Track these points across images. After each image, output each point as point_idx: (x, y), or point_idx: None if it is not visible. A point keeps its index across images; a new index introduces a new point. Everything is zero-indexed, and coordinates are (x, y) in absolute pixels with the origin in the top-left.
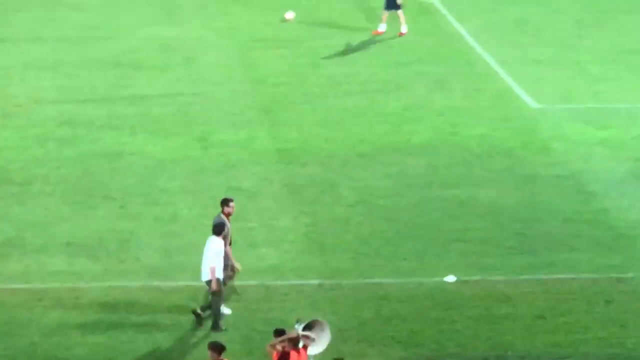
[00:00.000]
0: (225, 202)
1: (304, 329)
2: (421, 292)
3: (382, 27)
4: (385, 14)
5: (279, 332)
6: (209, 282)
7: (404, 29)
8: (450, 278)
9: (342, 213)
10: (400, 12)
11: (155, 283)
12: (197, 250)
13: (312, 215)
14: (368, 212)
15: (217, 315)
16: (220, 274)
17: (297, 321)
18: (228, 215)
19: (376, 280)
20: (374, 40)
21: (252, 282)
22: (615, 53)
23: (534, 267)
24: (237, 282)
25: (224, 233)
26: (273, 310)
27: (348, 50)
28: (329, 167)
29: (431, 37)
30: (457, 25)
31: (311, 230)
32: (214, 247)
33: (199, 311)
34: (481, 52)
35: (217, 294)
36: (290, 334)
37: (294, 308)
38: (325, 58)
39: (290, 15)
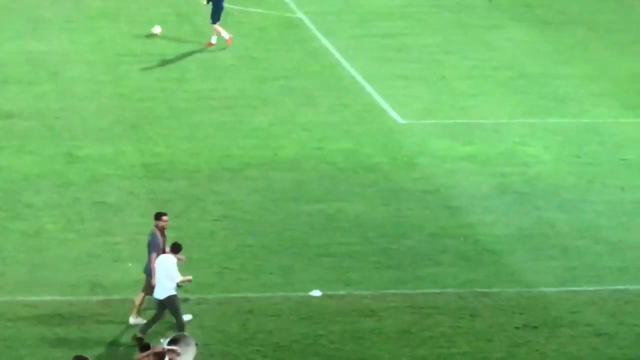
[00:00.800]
0: (158, 217)
1: (170, 343)
2: (287, 306)
3: (213, 39)
4: (217, 27)
5: (145, 347)
6: (162, 301)
7: (214, 39)
8: (316, 292)
9: (208, 227)
10: (216, 24)
11: (20, 298)
12: (63, 265)
13: (178, 229)
14: (234, 227)
15: (183, 327)
16: (172, 291)
17: (163, 335)
18: (162, 229)
19: (242, 294)
20: (241, 55)
21: (118, 297)
22: (480, 69)
23: (399, 281)
24: (102, 297)
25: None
26: (139, 324)
27: (215, 65)
28: (195, 182)
29: (298, 52)
30: (324, 40)
31: None
32: (168, 265)
33: (139, 335)
34: (348, 67)
35: (176, 309)
36: (156, 348)
37: (160, 322)
38: (191, 73)
39: (157, 29)
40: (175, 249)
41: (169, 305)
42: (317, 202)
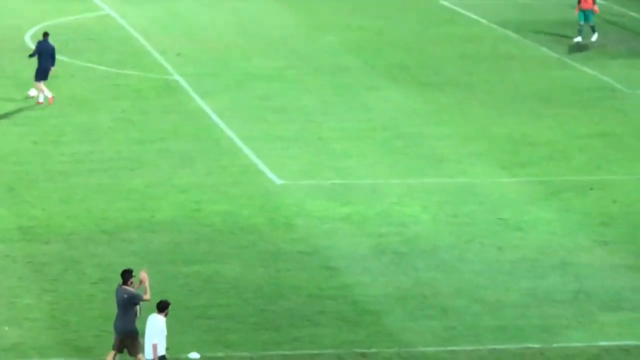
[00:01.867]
0: (130, 274)
1: None
2: None
3: (41, 97)
4: (40, 85)
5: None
6: None
7: (41, 97)
8: (194, 355)
9: (86, 290)
10: (41, 83)
11: None
12: None
13: (55, 293)
14: (112, 290)
15: None
16: (163, 351)
17: None
18: (131, 285)
19: (119, 357)
20: (117, 117)
21: None
22: (358, 130)
23: (278, 342)
24: None
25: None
26: None
27: (91, 128)
28: (72, 244)
29: (175, 114)
30: (201, 102)
31: (54, 308)
32: (158, 325)
33: None
34: (225, 129)
35: None
36: None
37: None
38: (68, 135)
39: (33, 92)
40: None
41: None
42: (194, 263)
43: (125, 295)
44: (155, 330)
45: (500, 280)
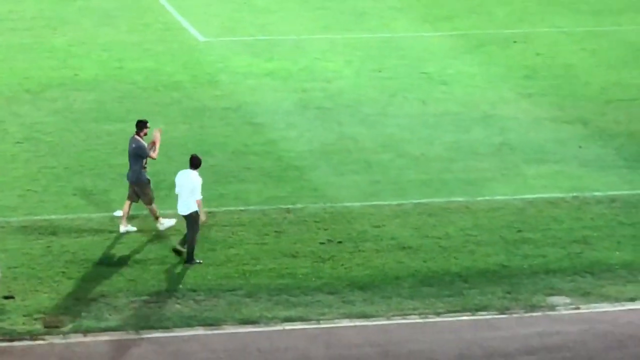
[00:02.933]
0: (144, 124)
1: None
2: (89, 226)
3: None
4: None
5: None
6: (187, 216)
7: None
8: (118, 213)
9: (9, 150)
10: None
11: None
12: None
13: None
14: (36, 149)
15: (193, 248)
16: (195, 207)
17: None
18: (144, 136)
19: (45, 217)
20: None
21: None
22: None
23: (204, 199)
24: None
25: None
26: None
27: None
28: None
29: None
30: None
31: None
32: (195, 180)
33: (178, 247)
34: None
35: (196, 227)
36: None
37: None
38: None
39: None
40: (195, 162)
41: (190, 220)
42: (118, 122)
43: (134, 145)
44: (190, 186)
45: (425, 134)
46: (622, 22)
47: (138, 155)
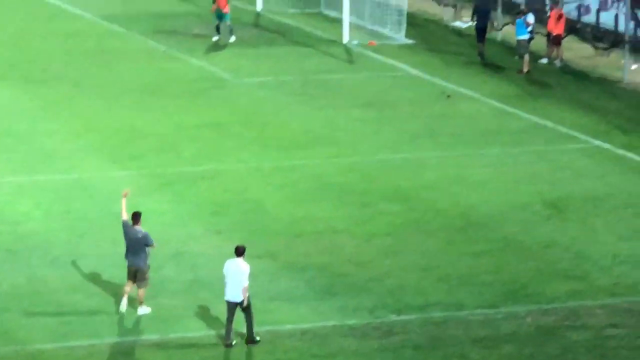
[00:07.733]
0: (139, 216)
1: None
2: None
3: None
4: None
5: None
6: (241, 303)
7: None
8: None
9: None
10: None
11: None
12: None
13: None
14: None
15: (253, 328)
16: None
17: None
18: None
19: None
20: None
21: None
22: None
23: None
24: None
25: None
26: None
27: None
28: None
29: None
30: None
31: None
32: (243, 269)
33: (253, 339)
34: None
35: (249, 309)
36: None
37: None
38: None
39: None
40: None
41: (246, 307)
42: None
43: (140, 236)
44: (241, 274)
45: (114, 273)
46: (309, 155)
47: (145, 244)
